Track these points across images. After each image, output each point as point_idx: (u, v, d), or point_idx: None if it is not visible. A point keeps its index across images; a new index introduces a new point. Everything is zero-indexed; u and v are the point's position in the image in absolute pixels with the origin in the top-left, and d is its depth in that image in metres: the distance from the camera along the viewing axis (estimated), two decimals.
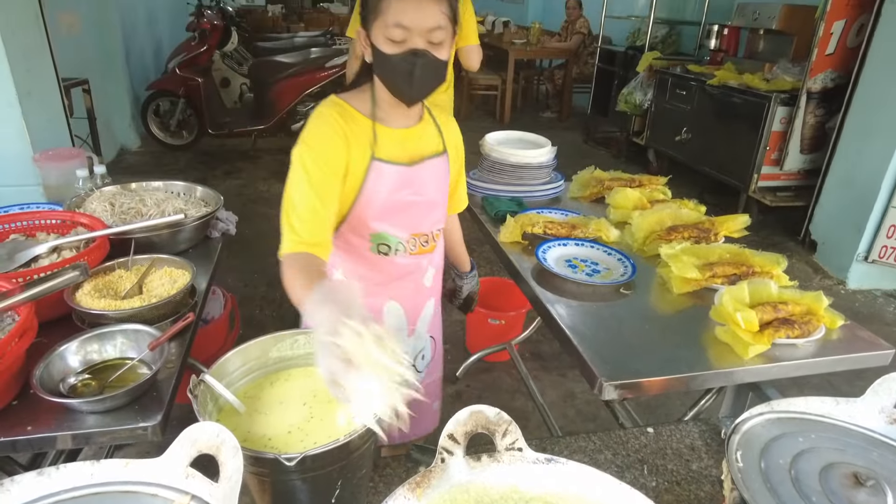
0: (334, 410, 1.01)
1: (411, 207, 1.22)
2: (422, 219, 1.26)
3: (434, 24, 1.04)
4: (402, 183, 1.19)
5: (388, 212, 1.20)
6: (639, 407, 2.31)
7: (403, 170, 1.18)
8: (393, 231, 1.22)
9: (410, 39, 1.04)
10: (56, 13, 3.74)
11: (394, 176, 1.17)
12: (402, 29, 1.03)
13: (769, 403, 0.96)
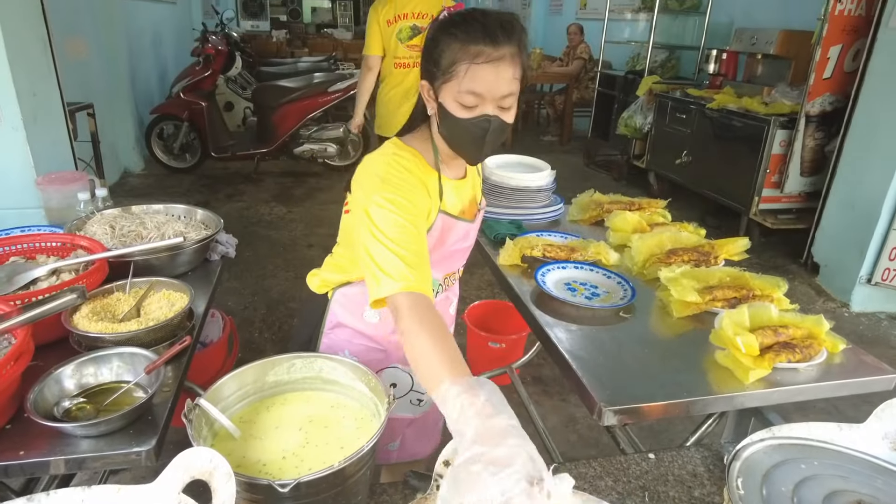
0: (330, 436, 1.00)
1: (453, 254, 1.27)
2: (457, 262, 1.33)
3: (507, 91, 1.03)
4: (459, 236, 1.24)
5: (441, 261, 1.22)
6: (641, 432, 2.28)
7: (465, 225, 1.23)
8: (436, 275, 1.24)
9: (482, 105, 1.04)
10: (64, 38, 3.81)
11: (458, 231, 1.22)
12: (476, 96, 1.02)
13: (770, 429, 0.95)
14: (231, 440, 0.97)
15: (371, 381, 1.05)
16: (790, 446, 0.92)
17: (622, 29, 6.69)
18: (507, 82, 1.03)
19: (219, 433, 0.99)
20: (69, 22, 4.02)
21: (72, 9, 4.06)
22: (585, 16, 8.08)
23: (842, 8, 3.55)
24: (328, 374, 1.11)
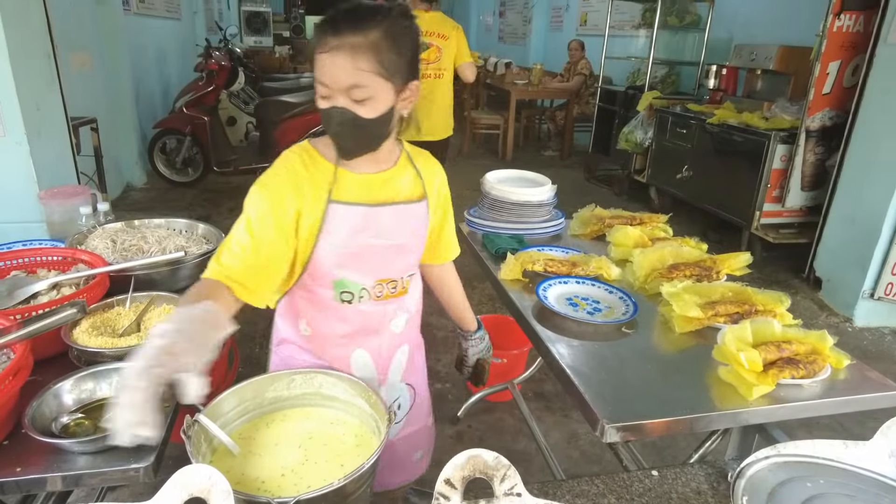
0: (329, 453, 0.99)
1: (374, 252, 1.15)
2: (388, 264, 1.19)
3: (351, 82, 0.99)
4: (361, 224, 1.12)
5: (349, 257, 1.13)
6: (644, 448, 2.26)
7: (363, 210, 1.12)
8: (355, 277, 1.16)
9: (333, 96, 1.02)
10: (68, 53, 3.84)
11: (353, 217, 1.12)
12: (323, 86, 1.02)
13: (775, 447, 0.94)
14: (230, 457, 0.96)
15: (371, 398, 1.04)
16: (796, 464, 0.91)
17: (622, 45, 6.74)
18: (347, 73, 0.98)
19: (218, 449, 0.98)
20: (74, 37, 4.05)
21: (77, 24, 4.10)
22: (586, 32, 8.15)
23: (840, 24, 3.58)
24: (328, 391, 1.10)
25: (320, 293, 1.17)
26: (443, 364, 2.85)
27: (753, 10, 5.31)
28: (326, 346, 1.23)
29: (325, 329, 1.20)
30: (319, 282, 1.16)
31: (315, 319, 1.20)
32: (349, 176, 1.13)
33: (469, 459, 0.80)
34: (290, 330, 1.25)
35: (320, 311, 1.19)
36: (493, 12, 11.86)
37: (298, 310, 1.21)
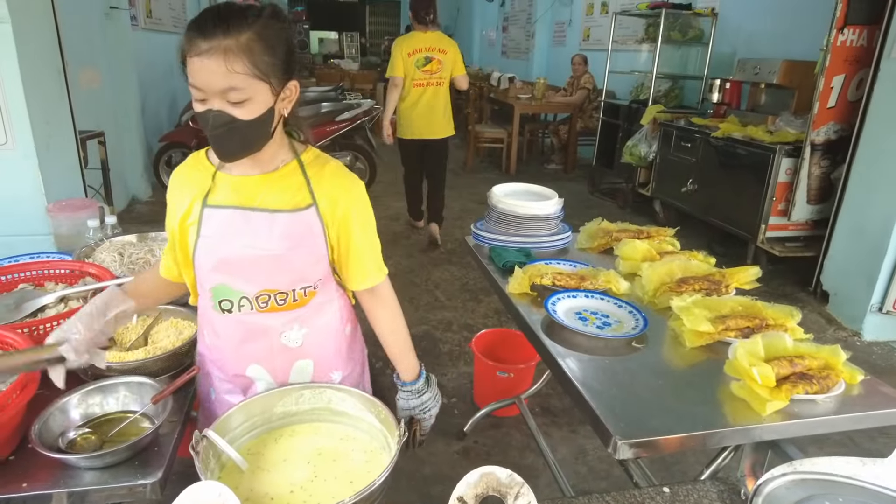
0: (339, 470, 0.98)
1: (252, 260, 1.10)
2: (271, 274, 1.11)
3: (225, 85, 0.95)
4: (235, 229, 1.08)
5: (225, 263, 1.10)
6: (653, 464, 2.24)
7: (235, 213, 1.08)
8: (236, 284, 1.11)
9: (209, 99, 0.98)
10: (77, 68, 3.88)
11: (225, 219, 1.09)
12: (197, 90, 0.98)
13: (791, 464, 0.93)
14: (238, 473, 0.95)
15: (381, 413, 1.03)
16: (813, 482, 0.89)
17: (626, 59, 6.78)
18: (221, 76, 0.95)
19: (226, 465, 0.97)
20: (83, 52, 4.09)
21: (86, 39, 4.15)
22: (589, 47, 8.20)
23: (844, 39, 3.59)
24: (337, 406, 1.09)
25: (203, 302, 1.18)
26: (448, 378, 2.83)
27: (757, 24, 5.33)
28: (224, 358, 1.19)
29: (219, 340, 1.18)
30: (202, 289, 1.16)
31: (207, 329, 1.21)
32: (225, 178, 1.11)
33: (482, 477, 0.79)
34: (201, 341, 1.24)
35: (206, 321, 1.20)
36: (497, 27, 11.95)
37: (202, 319, 1.22)
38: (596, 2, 8.16)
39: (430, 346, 3.11)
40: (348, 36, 17.17)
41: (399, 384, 1.24)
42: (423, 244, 4.64)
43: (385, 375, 2.81)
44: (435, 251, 4.54)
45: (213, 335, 1.19)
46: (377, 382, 2.67)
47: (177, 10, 6.91)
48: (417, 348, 3.24)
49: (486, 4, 12.23)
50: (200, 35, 0.94)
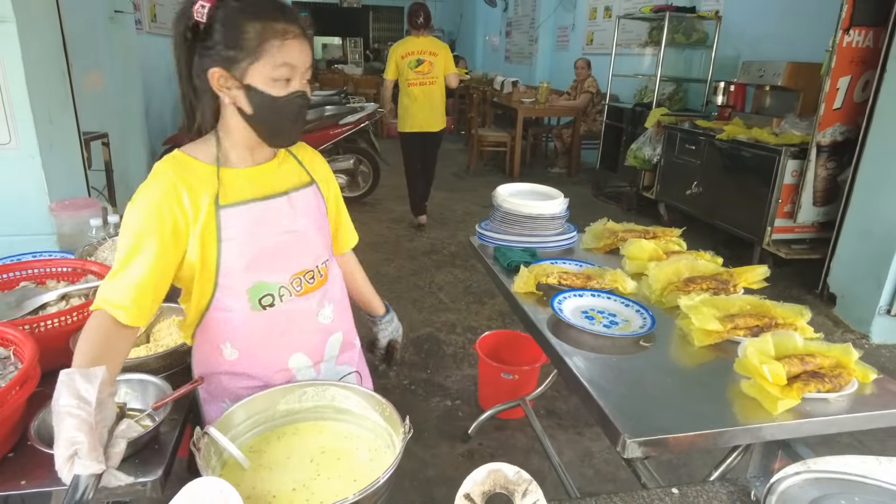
0: (342, 468, 0.96)
1: (279, 245, 1.11)
2: (300, 255, 1.15)
3: (310, 63, 1.05)
4: (258, 220, 1.09)
5: (257, 258, 1.09)
6: (660, 466, 2.21)
7: (256, 205, 1.09)
8: (271, 277, 1.11)
9: (294, 80, 1.03)
10: (82, 70, 3.88)
11: (247, 216, 1.08)
12: (290, 68, 1.01)
13: (805, 462, 0.91)
14: (240, 470, 0.94)
15: (385, 411, 1.01)
16: (828, 480, 0.87)
17: (629, 63, 6.77)
18: (308, 55, 1.04)
19: (228, 463, 0.96)
20: (87, 55, 4.10)
21: (91, 42, 4.15)
22: (592, 51, 8.20)
23: (849, 40, 3.58)
24: (341, 403, 1.08)
25: (237, 308, 1.10)
26: (452, 380, 2.81)
27: (761, 27, 5.32)
28: (259, 361, 1.15)
29: (254, 344, 1.14)
30: (233, 296, 1.09)
31: (239, 338, 1.13)
32: (234, 173, 1.09)
33: (490, 474, 0.77)
34: (211, 360, 1.15)
35: (243, 327, 1.12)
36: (500, 32, 11.97)
37: (219, 334, 1.13)
38: (599, 6, 8.17)
39: (433, 348, 3.09)
40: (352, 41, 17.22)
41: (378, 319, 1.49)
42: (426, 247, 4.63)
43: (388, 378, 2.79)
44: (432, 246, 4.53)
45: (244, 342, 1.13)
46: (380, 385, 2.66)
47: None
48: (421, 350, 3.25)
49: (489, 10, 12.26)
50: (291, 20, 1.01)
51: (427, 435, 2.40)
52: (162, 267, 1.02)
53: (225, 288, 1.08)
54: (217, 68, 1.01)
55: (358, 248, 1.48)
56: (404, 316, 3.39)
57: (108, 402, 0.85)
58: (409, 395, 2.68)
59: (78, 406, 0.80)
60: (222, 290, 1.08)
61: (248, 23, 0.99)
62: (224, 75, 1.01)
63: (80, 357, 0.92)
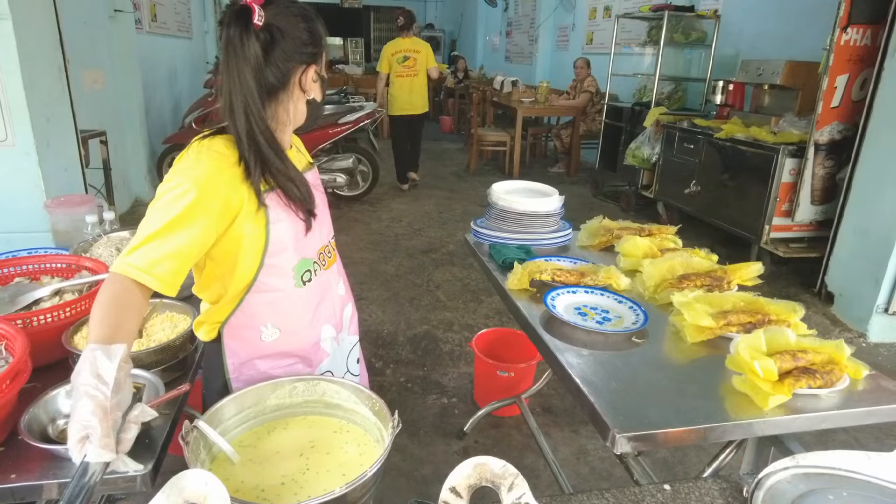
0: (332, 462, 0.96)
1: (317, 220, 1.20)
2: (321, 231, 1.23)
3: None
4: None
5: (297, 238, 1.15)
6: (654, 464, 2.21)
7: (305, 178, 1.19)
8: (307, 254, 1.19)
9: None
10: (81, 69, 3.89)
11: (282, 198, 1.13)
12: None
13: (794, 457, 0.91)
14: (229, 464, 0.94)
15: (375, 406, 1.01)
16: (816, 475, 0.87)
17: (629, 62, 6.77)
18: None
19: (217, 457, 0.96)
20: (88, 53, 4.11)
21: (90, 41, 4.16)
22: (592, 50, 8.20)
23: (847, 38, 3.57)
24: (331, 398, 1.08)
25: (281, 286, 1.15)
26: (449, 378, 2.81)
27: (759, 26, 5.32)
28: (300, 337, 1.21)
29: (295, 321, 1.19)
30: (280, 275, 1.14)
31: (281, 317, 1.17)
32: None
33: (476, 467, 0.77)
34: (248, 347, 1.18)
35: (287, 305, 1.17)
36: (500, 32, 11.97)
37: (259, 317, 1.16)
38: (599, 5, 8.17)
39: (431, 345, 3.09)
40: (353, 41, 17.21)
41: None
42: (425, 246, 4.63)
43: (385, 375, 2.79)
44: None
45: (286, 320, 1.17)
46: (376, 382, 2.66)
47: (181, 14, 6.95)
48: (418, 348, 3.25)
49: (489, 10, 12.26)
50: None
51: (423, 432, 2.40)
52: (204, 241, 1.03)
53: (271, 267, 1.11)
54: (313, 65, 1.12)
55: (356, 247, 1.50)
56: (401, 314, 3.40)
57: (126, 382, 0.85)
58: (406, 392, 2.68)
59: (95, 387, 0.80)
60: (268, 269, 1.11)
61: (320, 26, 1.11)
62: (315, 70, 1.12)
63: (100, 328, 0.89)
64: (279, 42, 1.05)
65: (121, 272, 0.97)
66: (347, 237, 4.55)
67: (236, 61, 1.02)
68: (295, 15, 1.07)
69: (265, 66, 1.05)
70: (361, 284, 3.78)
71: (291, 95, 1.12)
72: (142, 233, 0.99)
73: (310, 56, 1.11)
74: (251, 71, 1.03)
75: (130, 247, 0.99)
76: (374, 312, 3.42)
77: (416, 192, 6.28)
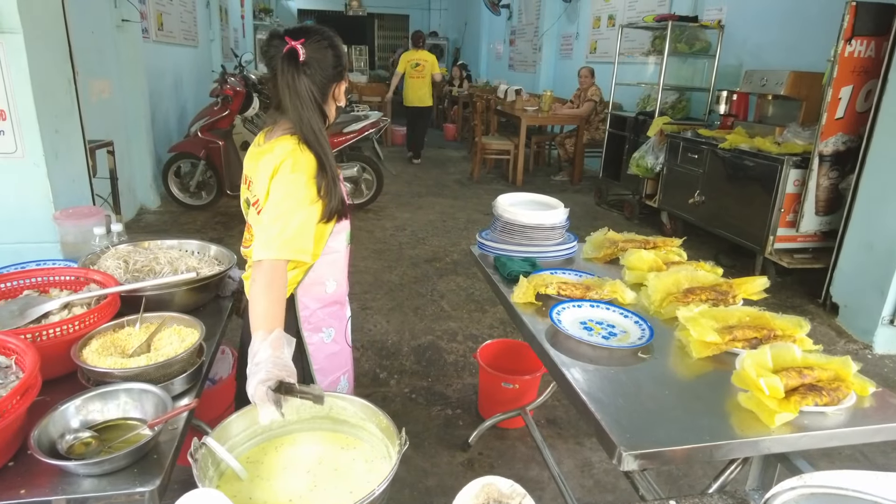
0: (339, 479, 0.96)
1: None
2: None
3: None
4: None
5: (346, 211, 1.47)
6: (659, 477, 2.20)
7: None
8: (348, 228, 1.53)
9: None
10: (89, 79, 3.92)
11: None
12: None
13: (801, 477, 0.91)
14: (237, 481, 0.94)
15: (382, 422, 1.02)
16: (824, 496, 0.87)
17: (632, 71, 6.79)
18: None
19: (225, 473, 0.96)
20: (95, 63, 4.14)
21: (98, 51, 4.20)
22: (596, 59, 8.23)
23: (851, 50, 3.58)
24: (338, 414, 1.08)
25: (339, 246, 1.49)
26: (453, 389, 2.81)
27: (763, 36, 5.34)
28: (342, 287, 1.55)
29: (342, 273, 1.55)
30: (339, 237, 1.48)
31: (338, 271, 1.52)
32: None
33: (483, 488, 0.77)
34: (315, 301, 1.49)
35: (342, 262, 1.53)
36: (504, 40, 12.02)
37: (322, 275, 1.48)
38: (603, 15, 8.20)
39: (435, 356, 3.09)
40: (357, 49, 17.28)
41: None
42: (429, 255, 4.64)
43: (389, 386, 2.79)
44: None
45: (341, 274, 1.53)
46: (380, 393, 2.66)
47: (187, 22, 7.00)
48: (423, 358, 3.24)
49: (493, 18, 12.32)
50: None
51: (427, 444, 2.40)
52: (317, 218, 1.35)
53: (336, 234, 1.45)
54: (341, 82, 1.42)
55: (360, 255, 1.55)
56: (406, 323, 3.41)
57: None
58: (410, 403, 2.68)
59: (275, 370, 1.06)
60: (334, 236, 1.45)
61: (340, 46, 1.39)
62: (345, 85, 1.44)
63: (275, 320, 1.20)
64: (317, 71, 1.34)
65: (281, 257, 1.27)
66: (351, 245, 4.54)
67: (296, 92, 1.32)
68: (325, 47, 1.35)
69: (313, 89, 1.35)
70: (366, 294, 3.79)
71: (329, 105, 1.43)
72: (280, 220, 1.28)
73: (339, 74, 1.40)
74: (307, 97, 1.34)
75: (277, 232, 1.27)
76: (379, 322, 3.43)
77: (420, 201, 6.30)
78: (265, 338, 1.13)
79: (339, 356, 1.58)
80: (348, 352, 1.64)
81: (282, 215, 1.28)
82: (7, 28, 2.16)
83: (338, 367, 1.58)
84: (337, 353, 1.57)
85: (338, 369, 1.59)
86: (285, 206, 1.28)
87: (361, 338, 3.21)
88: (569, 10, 9.23)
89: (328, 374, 1.55)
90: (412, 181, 7.29)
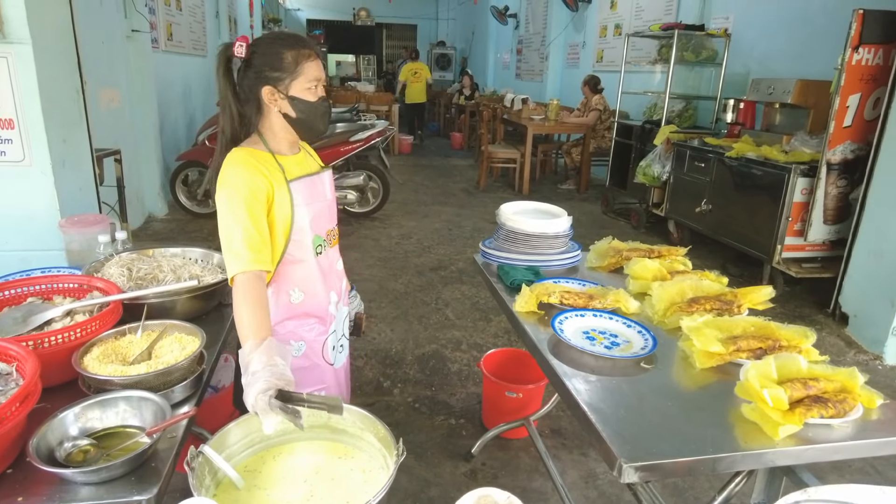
0: (336, 489, 0.96)
1: (322, 208, 1.51)
2: (330, 216, 1.56)
3: (323, 75, 1.42)
4: (313, 189, 1.48)
5: (314, 217, 1.46)
6: (664, 489, 2.18)
7: (310, 179, 1.48)
8: (320, 232, 1.50)
9: (317, 87, 1.40)
10: (98, 88, 3.96)
11: (306, 186, 1.45)
12: (316, 80, 1.39)
13: (806, 490, 0.89)
14: (234, 490, 0.94)
15: (380, 432, 1.01)
16: None
17: (639, 80, 6.79)
18: (323, 69, 1.44)
19: (222, 482, 0.96)
20: (104, 73, 4.19)
21: (107, 60, 4.25)
22: (602, 68, 8.24)
23: (859, 58, 3.56)
24: (337, 424, 1.08)
25: (303, 256, 1.46)
26: (457, 398, 2.79)
27: (770, 44, 5.32)
28: (315, 299, 1.50)
29: (312, 284, 1.49)
30: (302, 245, 1.45)
31: (304, 281, 1.48)
32: (286, 159, 1.45)
33: (479, 500, 0.77)
34: (281, 310, 1.47)
35: (307, 270, 1.47)
36: (511, 50, 12.08)
37: (287, 282, 1.46)
38: (609, 24, 8.22)
39: (439, 365, 3.08)
40: (365, 59, 17.38)
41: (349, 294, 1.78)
42: (434, 263, 4.64)
43: (392, 395, 2.78)
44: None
45: (307, 284, 1.48)
46: (384, 402, 2.65)
47: (196, 33, 7.07)
48: (426, 367, 3.23)
49: (500, 27, 12.38)
50: (311, 47, 1.40)
51: (430, 454, 2.38)
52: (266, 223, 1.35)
53: (296, 242, 1.43)
54: (268, 87, 1.37)
55: (366, 263, 1.55)
56: (410, 332, 3.40)
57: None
58: (413, 412, 2.67)
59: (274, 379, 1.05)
60: (294, 244, 1.43)
61: (286, 52, 1.36)
62: (273, 91, 1.37)
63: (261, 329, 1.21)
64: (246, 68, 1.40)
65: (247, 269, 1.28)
66: (357, 254, 4.56)
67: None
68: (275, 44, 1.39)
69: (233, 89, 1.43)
70: (370, 302, 3.79)
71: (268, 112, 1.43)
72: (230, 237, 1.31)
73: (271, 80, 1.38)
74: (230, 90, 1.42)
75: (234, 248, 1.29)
76: (383, 331, 3.42)
77: (426, 210, 6.30)
78: (255, 347, 1.13)
79: (311, 372, 1.54)
80: (328, 369, 1.59)
81: (224, 232, 1.32)
82: (16, 39, 2.19)
83: (311, 384, 1.53)
84: (307, 367, 1.52)
85: (310, 385, 1.53)
86: (224, 225, 1.32)
87: (365, 346, 3.20)
88: (576, 19, 9.26)
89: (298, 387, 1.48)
90: (418, 189, 7.30)
